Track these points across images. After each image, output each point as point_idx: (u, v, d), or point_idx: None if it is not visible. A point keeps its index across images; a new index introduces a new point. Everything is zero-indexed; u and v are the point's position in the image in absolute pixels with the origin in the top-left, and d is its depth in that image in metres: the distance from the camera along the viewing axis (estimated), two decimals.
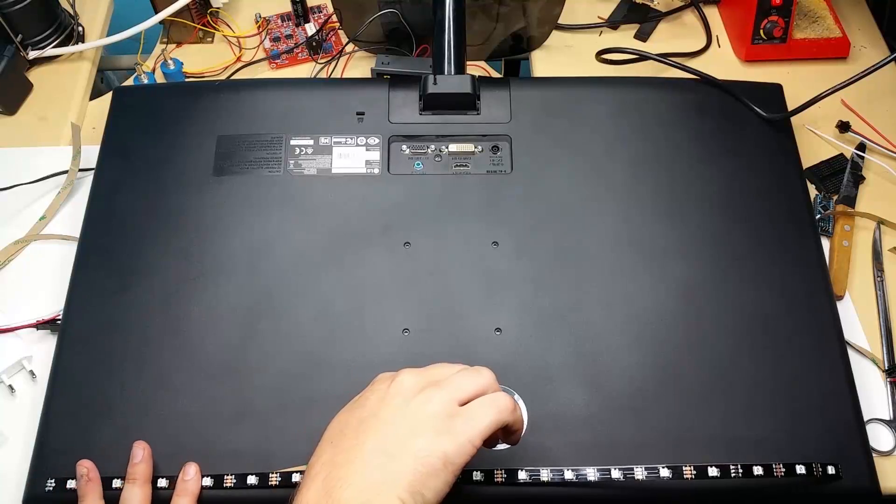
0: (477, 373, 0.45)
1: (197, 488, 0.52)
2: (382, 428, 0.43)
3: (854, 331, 0.63)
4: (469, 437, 0.42)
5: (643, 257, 0.62)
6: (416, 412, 0.43)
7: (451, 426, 0.42)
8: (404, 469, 0.41)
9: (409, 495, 0.40)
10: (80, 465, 0.53)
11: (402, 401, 0.44)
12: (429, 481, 0.41)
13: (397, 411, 0.43)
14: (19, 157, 0.74)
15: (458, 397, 0.44)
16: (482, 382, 0.45)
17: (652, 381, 0.57)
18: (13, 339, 0.62)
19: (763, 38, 0.81)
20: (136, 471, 0.52)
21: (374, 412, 0.44)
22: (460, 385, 0.44)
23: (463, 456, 0.42)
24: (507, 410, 0.44)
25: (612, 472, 0.51)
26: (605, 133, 0.68)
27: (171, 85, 0.79)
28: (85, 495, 0.52)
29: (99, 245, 0.63)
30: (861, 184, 0.73)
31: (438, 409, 0.43)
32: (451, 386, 0.44)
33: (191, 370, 0.57)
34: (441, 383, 0.44)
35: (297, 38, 0.85)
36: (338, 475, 0.42)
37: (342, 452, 0.43)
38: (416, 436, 0.42)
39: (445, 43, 0.69)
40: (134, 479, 0.52)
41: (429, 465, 0.41)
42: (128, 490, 0.52)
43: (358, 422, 0.44)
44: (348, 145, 0.67)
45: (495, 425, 0.43)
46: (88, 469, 0.52)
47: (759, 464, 0.52)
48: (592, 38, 0.86)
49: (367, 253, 0.62)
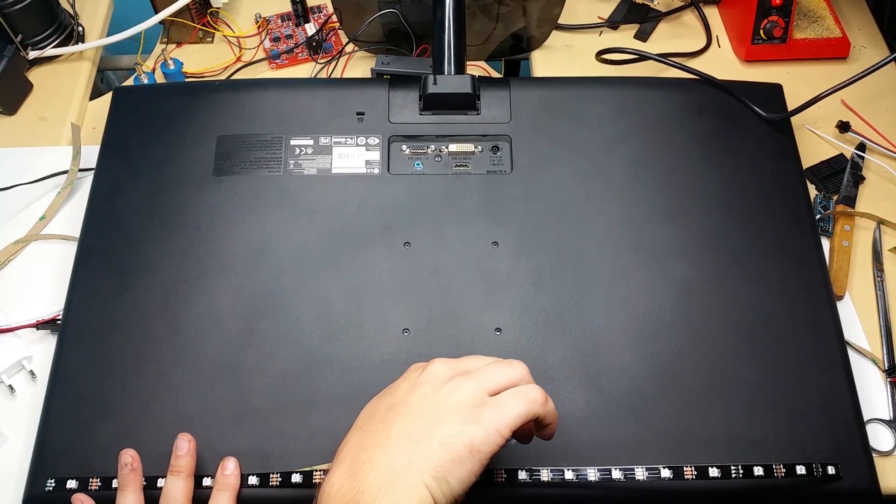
0: (509, 365, 0.45)
1: (237, 483, 0.52)
2: (410, 414, 0.43)
3: (854, 331, 0.63)
4: (496, 426, 0.42)
5: (643, 257, 0.62)
6: (445, 400, 0.43)
7: (479, 414, 0.42)
8: (430, 454, 0.41)
9: (433, 481, 0.40)
10: (124, 454, 0.52)
11: (431, 389, 0.44)
12: (454, 468, 0.41)
13: (425, 399, 0.44)
14: (19, 157, 0.74)
15: (487, 387, 0.44)
16: (514, 374, 0.45)
17: (652, 381, 0.57)
18: (13, 339, 0.62)
19: (763, 38, 0.81)
20: (180, 463, 0.51)
21: (403, 399, 0.44)
22: (491, 376, 0.44)
23: (490, 445, 0.42)
24: (537, 402, 0.43)
25: (613, 473, 0.51)
26: (605, 133, 0.68)
27: (171, 85, 0.79)
28: (126, 485, 0.51)
29: (99, 245, 0.63)
30: (861, 184, 0.73)
31: (466, 398, 0.43)
32: (482, 376, 0.44)
33: (191, 370, 0.57)
34: (472, 373, 0.44)
35: (297, 38, 0.85)
36: (364, 458, 0.42)
37: (369, 436, 0.43)
38: (442, 423, 0.42)
39: (445, 43, 0.69)
40: (179, 472, 0.51)
41: (454, 451, 0.41)
42: (171, 482, 0.51)
43: (387, 408, 0.45)
44: (348, 145, 0.67)
45: (525, 417, 0.43)
46: (133, 458, 0.52)
47: (759, 464, 0.52)
48: (592, 38, 0.86)
49: (367, 253, 0.62)
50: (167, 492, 0.51)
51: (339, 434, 0.44)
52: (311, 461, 0.53)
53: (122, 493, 0.51)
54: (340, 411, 0.55)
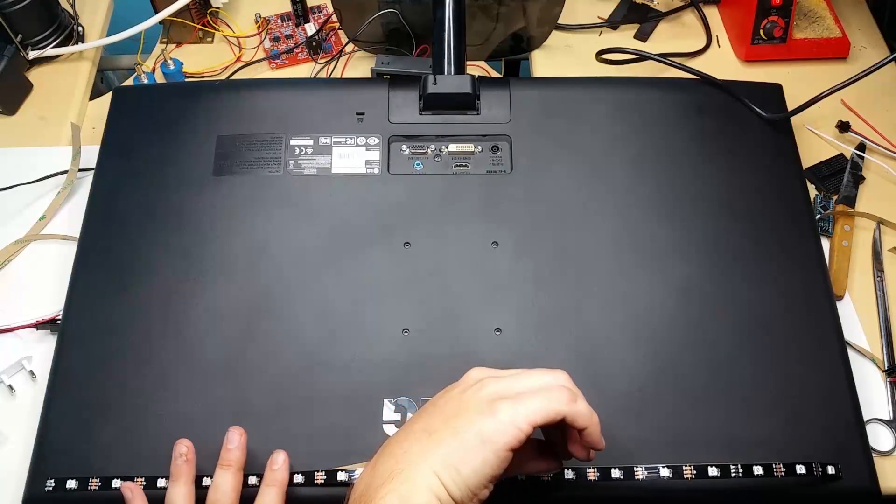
0: (548, 372, 0.45)
1: (285, 478, 0.51)
2: (434, 412, 0.44)
3: (854, 331, 0.63)
4: (511, 417, 0.41)
5: (643, 257, 0.62)
6: (468, 397, 0.44)
7: (495, 407, 0.42)
8: (440, 443, 0.42)
9: (442, 468, 0.41)
10: (179, 444, 0.51)
11: (460, 391, 0.45)
12: (465, 457, 0.41)
13: (452, 399, 0.45)
14: (19, 157, 0.74)
15: (516, 388, 0.43)
16: (549, 379, 0.44)
17: (652, 381, 0.57)
18: (13, 339, 0.63)
19: (763, 38, 0.81)
20: (230, 457, 0.51)
21: (435, 401, 0.46)
22: (523, 378, 0.44)
23: (504, 435, 0.41)
24: (560, 401, 0.42)
25: (613, 472, 0.51)
26: (605, 133, 0.68)
27: (171, 85, 0.79)
28: (179, 476, 0.50)
29: (99, 245, 0.63)
30: (861, 184, 0.73)
31: (488, 394, 0.43)
32: (513, 378, 0.44)
33: (191, 370, 0.57)
34: (504, 377, 0.44)
35: (297, 38, 0.85)
36: (384, 452, 0.44)
37: (396, 434, 0.45)
38: (458, 416, 0.43)
39: (445, 43, 0.69)
40: (229, 465, 0.51)
41: (465, 440, 0.41)
42: (220, 475, 0.50)
43: (420, 412, 0.46)
44: (348, 145, 0.67)
45: (545, 413, 0.42)
46: (188, 449, 0.51)
47: (759, 463, 0.52)
48: (592, 38, 0.86)
49: (367, 253, 0.62)
50: (217, 485, 0.50)
51: (339, 434, 0.44)
52: (311, 461, 0.53)
53: (174, 484, 0.50)
54: (340, 411, 0.55)
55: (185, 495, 0.50)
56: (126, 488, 0.51)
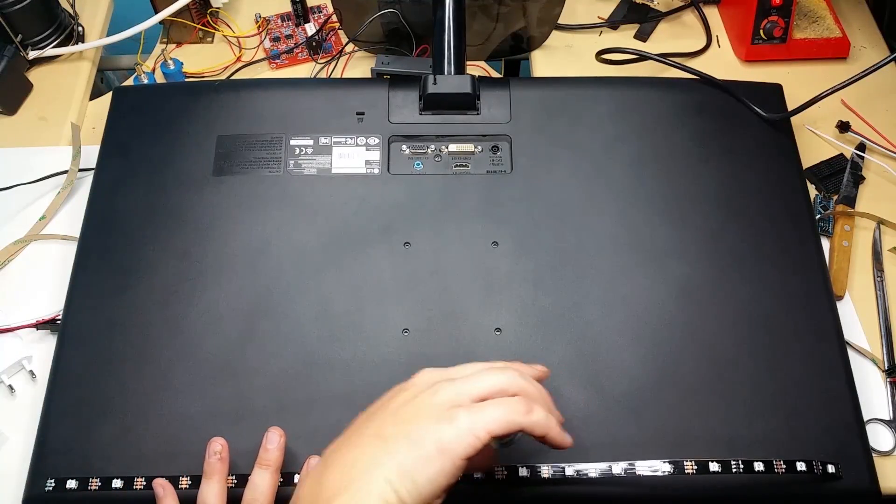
0: (500, 371, 0.44)
1: (279, 459, 0.50)
2: (385, 416, 0.43)
3: (854, 331, 0.63)
4: (470, 426, 0.41)
5: (643, 257, 0.62)
6: (422, 402, 0.43)
7: (453, 415, 0.41)
8: (395, 451, 0.40)
9: (397, 477, 0.39)
10: (213, 442, 0.51)
11: (412, 394, 0.44)
12: (421, 466, 0.40)
13: (404, 403, 0.43)
14: (19, 157, 0.74)
15: (471, 393, 0.43)
16: (503, 381, 0.43)
17: (652, 381, 0.57)
18: (13, 339, 0.63)
19: (763, 38, 0.81)
20: (269, 457, 0.51)
21: (384, 404, 0.44)
22: (476, 382, 0.43)
23: (462, 445, 0.40)
24: (519, 413, 0.42)
25: (614, 469, 0.51)
26: (605, 133, 0.68)
27: (171, 85, 0.79)
28: (212, 474, 0.50)
29: (99, 245, 0.63)
30: (861, 184, 0.73)
31: (444, 400, 0.42)
32: (466, 382, 0.43)
33: (191, 370, 0.57)
34: (456, 379, 0.44)
35: (297, 38, 0.85)
36: (332, 459, 0.42)
37: (343, 439, 0.44)
38: (414, 422, 0.41)
39: (445, 43, 0.69)
40: (267, 465, 0.50)
41: (422, 449, 0.40)
42: (258, 475, 0.50)
43: (368, 414, 0.45)
44: (348, 145, 0.67)
45: (503, 423, 0.41)
46: (223, 447, 0.51)
47: (759, 460, 0.52)
48: (592, 38, 0.86)
49: (367, 253, 0.62)
50: (255, 485, 0.50)
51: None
52: None
53: (207, 482, 0.50)
54: (340, 411, 0.55)
55: (218, 493, 0.50)
56: (158, 485, 0.51)
